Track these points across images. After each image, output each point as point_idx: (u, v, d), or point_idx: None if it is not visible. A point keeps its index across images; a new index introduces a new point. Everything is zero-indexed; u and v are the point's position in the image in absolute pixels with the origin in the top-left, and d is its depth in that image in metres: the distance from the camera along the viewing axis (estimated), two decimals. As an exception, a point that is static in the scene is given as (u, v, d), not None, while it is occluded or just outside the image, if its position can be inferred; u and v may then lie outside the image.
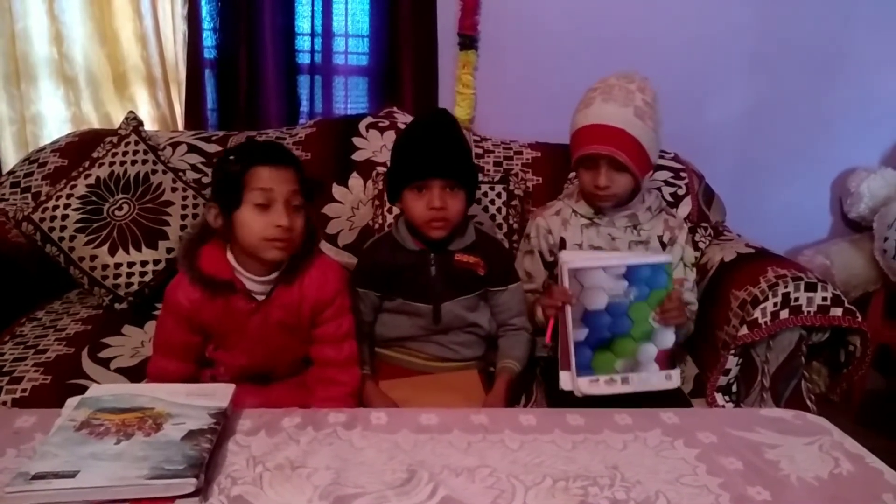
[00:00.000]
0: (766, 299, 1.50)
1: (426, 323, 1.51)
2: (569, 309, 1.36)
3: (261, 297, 1.31)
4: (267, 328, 1.33)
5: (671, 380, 1.39)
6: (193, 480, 0.89)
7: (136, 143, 1.84)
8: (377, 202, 1.90)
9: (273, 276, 1.31)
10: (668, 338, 1.39)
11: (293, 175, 1.27)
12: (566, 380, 1.38)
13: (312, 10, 2.29)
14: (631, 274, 1.35)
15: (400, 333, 1.54)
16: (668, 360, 1.39)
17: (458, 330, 1.53)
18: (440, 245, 1.49)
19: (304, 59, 2.34)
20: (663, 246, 1.59)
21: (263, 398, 1.30)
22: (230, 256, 1.30)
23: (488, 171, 2.03)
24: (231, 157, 1.27)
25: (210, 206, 1.29)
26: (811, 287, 1.51)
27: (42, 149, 2.02)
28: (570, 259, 1.38)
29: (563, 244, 1.59)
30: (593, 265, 1.35)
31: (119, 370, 1.49)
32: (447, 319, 1.51)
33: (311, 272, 1.33)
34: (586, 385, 1.36)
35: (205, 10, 2.23)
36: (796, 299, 1.50)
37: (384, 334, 1.55)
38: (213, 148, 2.01)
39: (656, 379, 1.38)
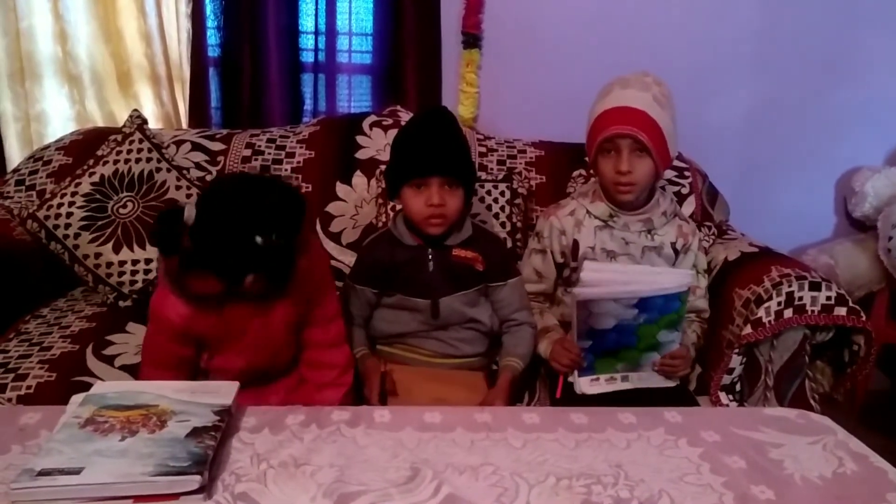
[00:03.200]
0: (770, 298, 1.50)
1: (425, 318, 1.52)
2: (574, 318, 1.37)
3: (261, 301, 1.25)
4: (268, 329, 1.30)
5: (670, 378, 1.40)
6: (198, 477, 0.89)
7: (141, 141, 1.85)
8: (380, 200, 1.90)
9: None
10: (671, 348, 1.39)
11: None
12: (574, 376, 1.40)
13: (316, 9, 2.29)
14: (642, 303, 1.30)
15: (400, 329, 1.54)
16: None
17: (458, 326, 1.53)
18: (438, 240, 1.50)
19: (307, 57, 2.34)
20: (676, 252, 1.58)
21: (255, 395, 1.29)
22: None
23: (491, 169, 2.03)
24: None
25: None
26: (815, 286, 1.50)
27: (46, 147, 2.03)
28: (589, 275, 1.33)
29: (575, 246, 1.58)
30: (603, 296, 1.30)
31: (123, 367, 1.49)
32: (445, 314, 1.51)
33: (301, 262, 1.22)
34: (587, 384, 1.38)
35: (209, 8, 2.23)
36: (800, 298, 1.49)
37: (385, 330, 1.55)
38: (216, 146, 2.01)
39: (656, 378, 1.39)
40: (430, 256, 1.51)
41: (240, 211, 1.11)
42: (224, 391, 1.11)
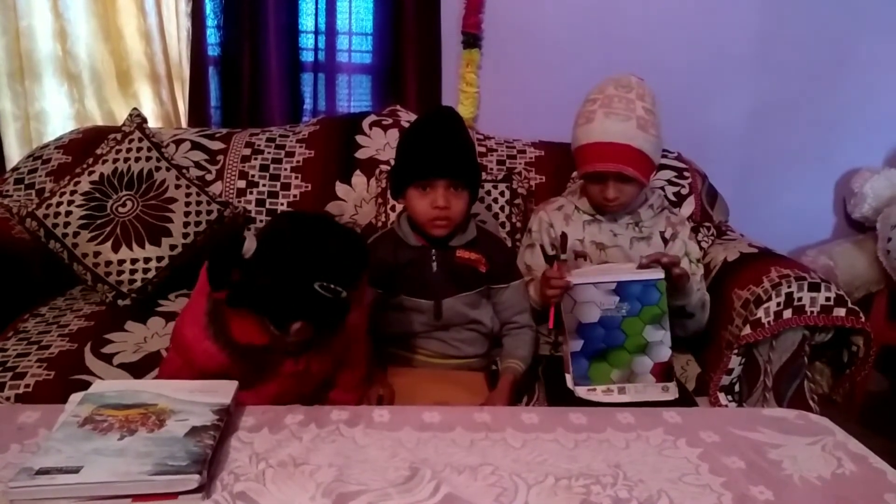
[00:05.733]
0: (770, 299, 1.50)
1: (428, 319, 1.52)
2: (563, 316, 1.37)
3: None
4: (304, 379, 1.27)
5: (668, 392, 1.39)
6: (196, 476, 0.89)
7: (140, 139, 1.85)
8: (380, 200, 1.90)
9: None
10: (663, 351, 1.39)
11: None
12: (570, 380, 1.40)
13: (316, 8, 2.30)
14: (622, 290, 1.36)
15: (402, 330, 1.54)
16: (664, 372, 1.39)
17: (460, 326, 1.53)
18: (441, 241, 1.50)
19: (307, 56, 2.34)
20: (665, 241, 1.60)
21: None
22: None
23: (491, 169, 2.03)
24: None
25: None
26: (814, 287, 1.50)
27: (46, 145, 2.03)
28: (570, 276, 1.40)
29: (564, 239, 1.60)
30: (584, 281, 1.37)
31: (122, 366, 1.49)
32: (448, 315, 1.51)
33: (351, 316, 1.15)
34: (584, 394, 1.38)
35: (208, 7, 2.23)
36: (799, 299, 1.50)
37: (387, 330, 1.55)
38: (216, 145, 2.01)
39: (653, 390, 1.39)
40: (434, 257, 1.51)
41: (303, 254, 1.05)
42: (223, 390, 1.10)
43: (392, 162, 1.61)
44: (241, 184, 1.96)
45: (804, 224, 2.53)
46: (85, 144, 1.95)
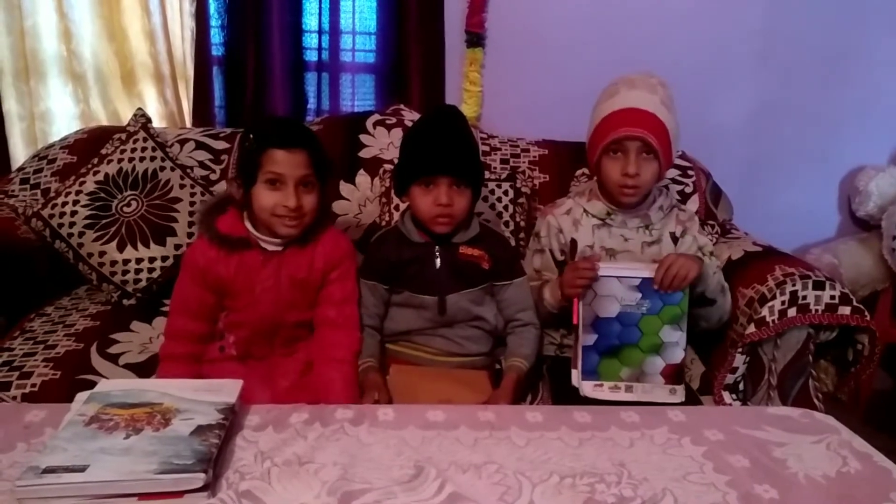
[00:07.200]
0: (774, 297, 1.49)
1: (432, 315, 1.52)
2: (581, 308, 1.37)
3: (273, 251, 1.42)
4: (278, 281, 1.42)
5: (675, 394, 1.39)
6: (202, 475, 0.90)
7: (145, 139, 1.85)
8: (384, 199, 1.91)
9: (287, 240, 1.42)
10: (676, 353, 1.39)
11: (306, 158, 1.36)
12: (576, 377, 1.39)
13: (320, 8, 2.29)
14: (645, 286, 1.36)
15: (406, 326, 1.54)
16: (674, 374, 1.39)
17: (464, 323, 1.54)
18: (445, 237, 1.50)
19: (311, 56, 2.34)
20: (675, 240, 1.58)
21: (266, 375, 1.40)
22: (247, 222, 1.41)
23: (495, 168, 2.03)
24: (250, 136, 1.38)
25: (232, 180, 1.43)
26: (819, 285, 1.50)
27: (51, 145, 2.03)
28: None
29: (573, 245, 1.58)
30: (608, 274, 1.36)
31: (127, 366, 1.50)
32: (452, 312, 1.52)
33: (324, 238, 1.46)
34: (590, 389, 1.38)
35: (213, 7, 2.23)
36: (804, 297, 1.49)
37: (391, 328, 1.56)
38: (220, 145, 2.02)
39: (660, 391, 1.38)
40: (438, 253, 1.51)
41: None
42: (228, 389, 1.11)
43: (396, 161, 1.62)
44: (246, 183, 1.96)
45: (809, 222, 2.52)
46: (90, 144, 1.95)
